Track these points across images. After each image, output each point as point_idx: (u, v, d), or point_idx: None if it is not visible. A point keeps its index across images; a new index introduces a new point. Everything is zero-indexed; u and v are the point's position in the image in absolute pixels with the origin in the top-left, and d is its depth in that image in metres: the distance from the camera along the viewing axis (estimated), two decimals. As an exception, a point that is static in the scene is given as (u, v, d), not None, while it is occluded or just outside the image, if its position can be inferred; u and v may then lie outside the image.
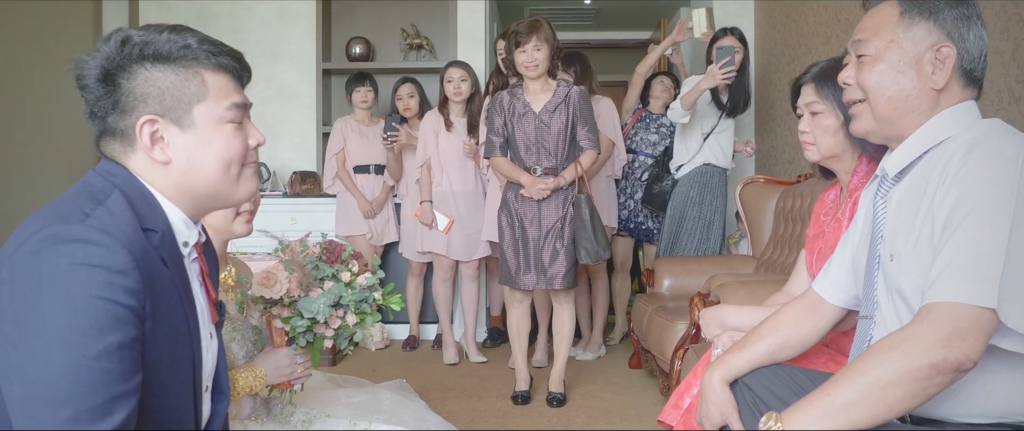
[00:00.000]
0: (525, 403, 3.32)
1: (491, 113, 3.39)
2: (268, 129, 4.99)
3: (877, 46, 1.28)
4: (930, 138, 1.26)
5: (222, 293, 1.79)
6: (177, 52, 1.09)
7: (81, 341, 0.91)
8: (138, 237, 1.00)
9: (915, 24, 1.26)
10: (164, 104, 1.08)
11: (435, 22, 5.15)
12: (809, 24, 4.00)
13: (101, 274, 0.93)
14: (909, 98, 1.26)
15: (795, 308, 1.54)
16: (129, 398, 0.95)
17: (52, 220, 0.96)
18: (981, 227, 1.10)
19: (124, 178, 1.08)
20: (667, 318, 3.06)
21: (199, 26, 4.40)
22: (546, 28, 3.19)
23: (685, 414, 1.70)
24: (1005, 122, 1.25)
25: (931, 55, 1.25)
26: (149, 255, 1.01)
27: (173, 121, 1.09)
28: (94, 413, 0.91)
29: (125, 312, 0.95)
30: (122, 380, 0.94)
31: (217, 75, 1.12)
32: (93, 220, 0.97)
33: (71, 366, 0.91)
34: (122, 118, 1.08)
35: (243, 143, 1.15)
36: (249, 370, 1.70)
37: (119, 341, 0.94)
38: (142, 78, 1.07)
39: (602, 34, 7.44)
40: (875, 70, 1.28)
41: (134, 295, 0.96)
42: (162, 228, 1.08)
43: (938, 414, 1.20)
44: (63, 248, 0.93)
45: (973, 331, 1.08)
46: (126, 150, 1.10)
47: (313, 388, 2.24)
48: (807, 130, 1.77)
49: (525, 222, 3.27)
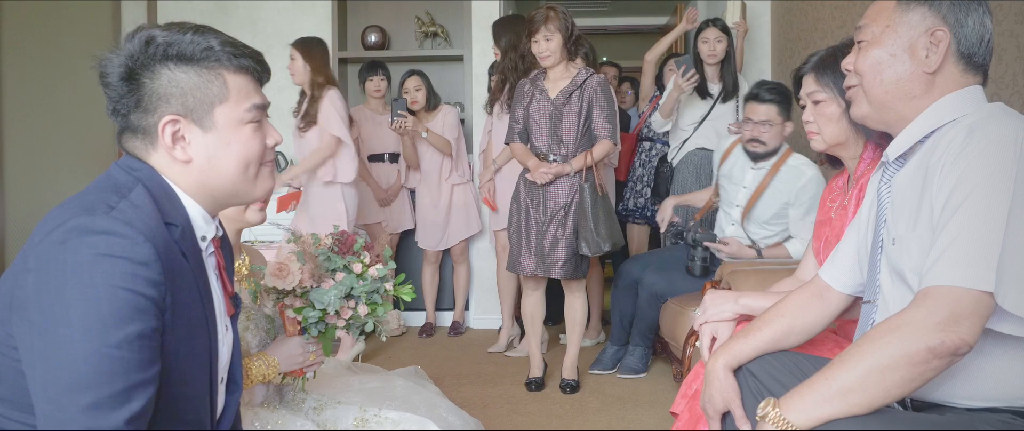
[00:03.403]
0: (539, 389, 3.35)
1: (514, 101, 3.43)
2: (285, 118, 5.02)
3: (874, 31, 1.30)
4: (932, 122, 1.26)
5: (236, 282, 1.82)
6: (200, 53, 1.11)
7: (103, 330, 0.94)
8: (161, 230, 1.04)
9: (911, 9, 1.27)
10: (186, 105, 1.11)
11: (450, 9, 5.16)
12: (825, 8, 3.97)
13: (124, 265, 0.96)
14: (902, 82, 1.27)
15: (801, 295, 1.54)
16: (147, 387, 0.98)
17: (78, 212, 0.99)
18: (979, 210, 1.10)
19: (146, 173, 1.11)
20: (679, 305, 3.07)
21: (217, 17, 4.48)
22: (557, 17, 3.20)
23: (690, 400, 1.72)
24: (1007, 106, 1.24)
25: (925, 39, 1.26)
26: (170, 248, 1.04)
27: (195, 121, 1.12)
28: (113, 400, 0.94)
29: (146, 303, 0.98)
30: (141, 369, 0.97)
31: (238, 76, 1.15)
32: (117, 212, 1.00)
33: (93, 354, 0.93)
34: (145, 116, 1.10)
35: (261, 143, 1.17)
36: (262, 358, 1.74)
37: (139, 331, 0.97)
38: (165, 78, 1.10)
39: (618, 20, 7.41)
40: (871, 55, 1.30)
41: (155, 286, 0.99)
42: (182, 222, 1.10)
43: (937, 398, 1.21)
44: (88, 239, 0.96)
45: (970, 315, 1.08)
46: (147, 147, 1.12)
47: (327, 375, 2.27)
48: (811, 120, 1.77)
49: (531, 207, 3.29)
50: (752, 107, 3.07)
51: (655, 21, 7.17)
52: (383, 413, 1.88)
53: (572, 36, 3.25)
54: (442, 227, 4.43)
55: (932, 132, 1.26)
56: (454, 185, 4.42)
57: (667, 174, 4.10)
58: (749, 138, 3.09)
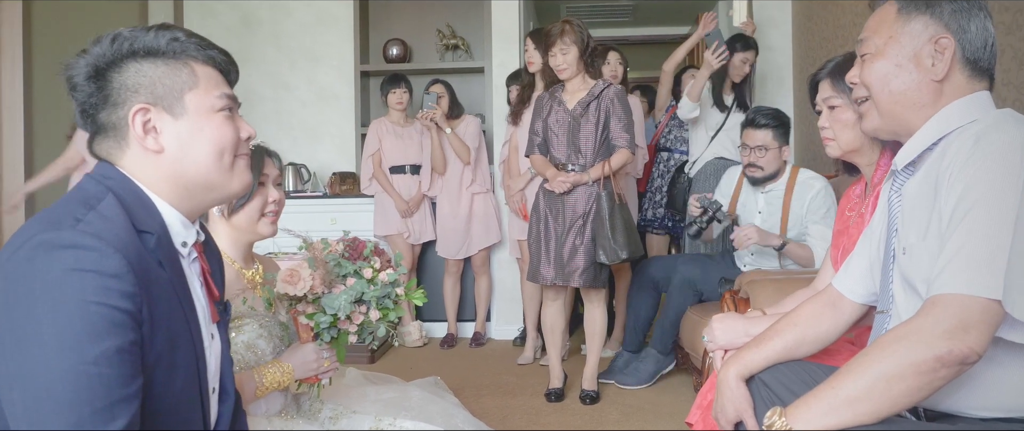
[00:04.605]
0: (558, 400, 3.34)
1: (533, 114, 3.46)
2: (309, 131, 5.10)
3: (877, 43, 1.29)
4: (940, 129, 1.25)
5: (251, 290, 1.84)
6: (166, 45, 1.11)
7: (78, 347, 0.91)
8: (132, 240, 1.01)
9: (912, 19, 1.26)
10: (155, 93, 1.10)
11: (471, 22, 5.20)
12: (846, 15, 3.93)
13: (94, 279, 0.93)
14: (910, 91, 1.26)
15: (814, 305, 1.52)
16: (131, 402, 0.95)
17: (43, 227, 0.96)
18: (986, 218, 1.09)
19: (118, 181, 1.08)
20: (699, 315, 3.05)
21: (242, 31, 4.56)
22: (573, 31, 3.22)
23: (703, 410, 1.70)
24: (1017, 112, 1.22)
25: (929, 48, 1.25)
26: (144, 258, 1.01)
27: (165, 109, 1.10)
28: (96, 418, 0.91)
29: (121, 316, 0.95)
30: (122, 384, 0.94)
31: (206, 67, 1.14)
32: (84, 225, 0.97)
33: (70, 372, 0.90)
34: (114, 111, 1.09)
35: (235, 132, 1.15)
36: (277, 365, 1.75)
37: (117, 345, 0.94)
38: (132, 70, 1.09)
39: (640, 30, 7.39)
40: (875, 66, 1.29)
41: (130, 299, 0.96)
42: (158, 230, 1.08)
43: (949, 407, 1.19)
44: (55, 254, 0.93)
45: (979, 323, 1.06)
46: (120, 145, 1.11)
47: (345, 385, 2.29)
48: (826, 126, 1.75)
49: (550, 216, 3.30)
50: (748, 133, 3.13)
51: (677, 31, 7.15)
52: (398, 422, 1.88)
53: (588, 48, 3.27)
54: (462, 235, 4.45)
55: (940, 139, 1.25)
56: (475, 194, 4.44)
57: (684, 184, 4.09)
58: (747, 164, 3.14)
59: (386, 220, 4.49)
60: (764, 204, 3.18)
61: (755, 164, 3.10)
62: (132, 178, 1.10)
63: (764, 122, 3.07)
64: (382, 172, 4.49)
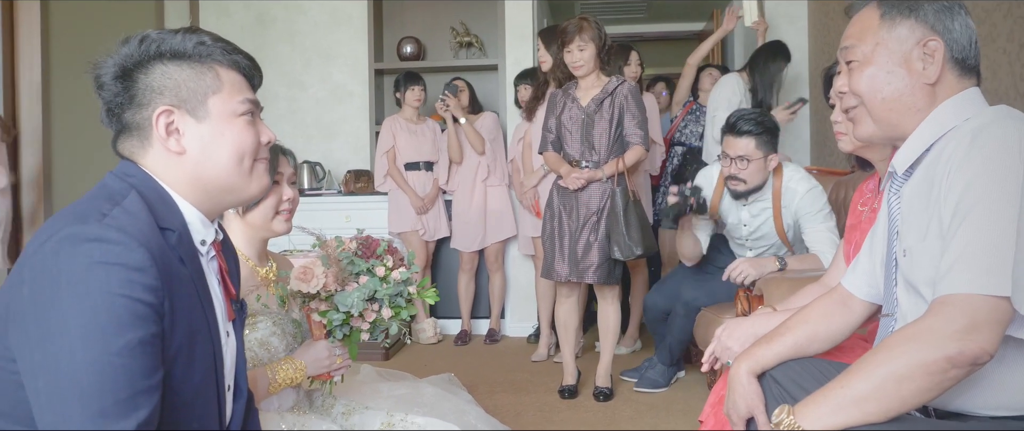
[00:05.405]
0: (572, 397, 3.34)
1: (546, 111, 3.46)
2: (323, 129, 5.12)
3: (863, 51, 1.27)
4: (936, 130, 1.24)
5: (264, 287, 1.85)
6: (193, 49, 1.13)
7: (103, 338, 0.93)
8: (155, 236, 1.03)
9: (897, 24, 1.25)
10: (180, 96, 1.12)
11: (484, 20, 5.20)
12: (862, 11, 3.91)
13: (120, 272, 0.95)
14: (903, 96, 1.25)
15: (825, 302, 1.52)
16: (152, 393, 0.97)
17: (70, 221, 0.98)
18: (989, 215, 1.08)
19: (140, 179, 1.11)
20: (713, 313, 3.04)
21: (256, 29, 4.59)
22: (591, 28, 3.22)
23: (715, 407, 1.70)
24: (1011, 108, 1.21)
25: (919, 51, 1.24)
26: (166, 253, 1.03)
27: (189, 112, 1.12)
28: (119, 408, 0.93)
29: (145, 309, 0.97)
30: (144, 376, 0.96)
31: (231, 72, 1.16)
32: (110, 219, 0.99)
33: (95, 363, 0.92)
34: (139, 111, 1.12)
35: (255, 137, 1.17)
36: (289, 362, 1.77)
37: (140, 337, 0.96)
38: (159, 72, 1.11)
39: (654, 26, 7.37)
40: (865, 74, 1.27)
41: (153, 292, 0.98)
42: (179, 227, 1.10)
43: (959, 407, 1.18)
44: (81, 248, 0.95)
45: (989, 323, 1.06)
46: (143, 145, 1.13)
47: (358, 381, 2.30)
48: (839, 120, 1.74)
49: (564, 213, 3.30)
50: (728, 141, 2.81)
51: (692, 27, 7.12)
52: (409, 418, 1.89)
53: (605, 45, 3.26)
54: (477, 228, 4.45)
55: (936, 140, 1.24)
56: (490, 186, 4.45)
57: (691, 175, 4.06)
58: (727, 175, 2.85)
59: (400, 217, 4.50)
60: (749, 217, 2.97)
61: (736, 176, 2.80)
62: (154, 177, 1.13)
63: (746, 128, 2.74)
64: (396, 169, 4.51)
